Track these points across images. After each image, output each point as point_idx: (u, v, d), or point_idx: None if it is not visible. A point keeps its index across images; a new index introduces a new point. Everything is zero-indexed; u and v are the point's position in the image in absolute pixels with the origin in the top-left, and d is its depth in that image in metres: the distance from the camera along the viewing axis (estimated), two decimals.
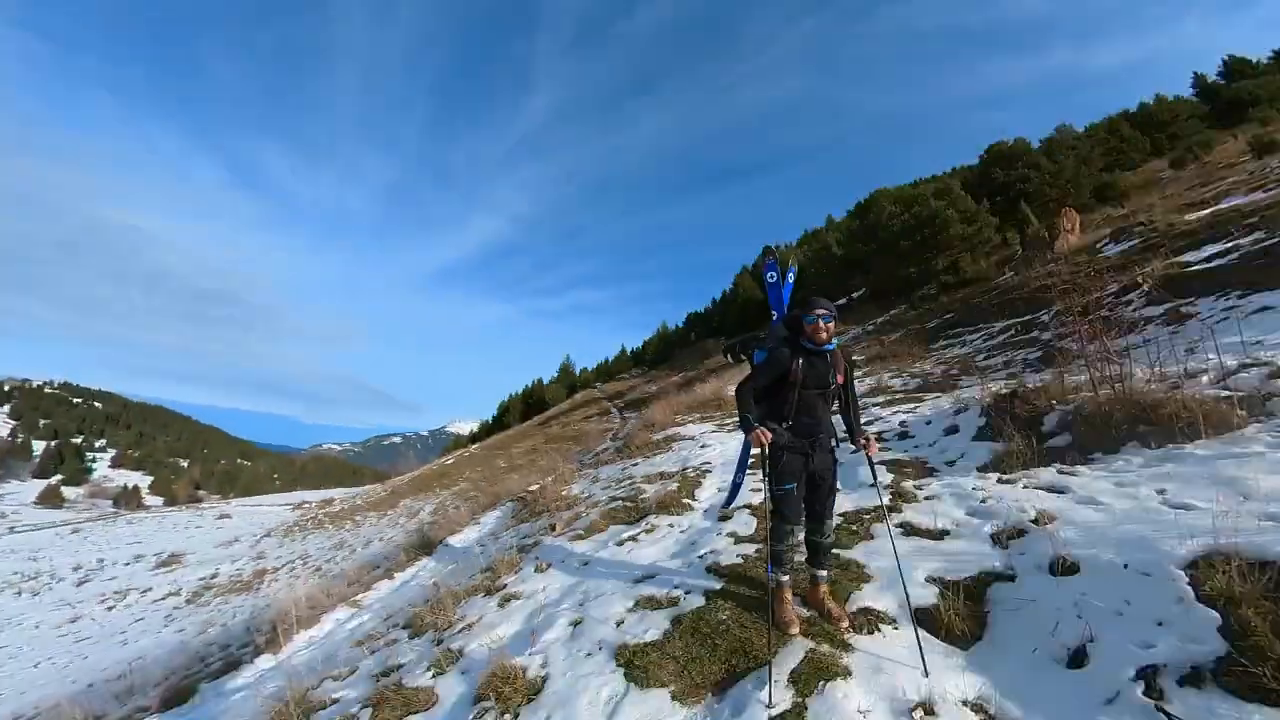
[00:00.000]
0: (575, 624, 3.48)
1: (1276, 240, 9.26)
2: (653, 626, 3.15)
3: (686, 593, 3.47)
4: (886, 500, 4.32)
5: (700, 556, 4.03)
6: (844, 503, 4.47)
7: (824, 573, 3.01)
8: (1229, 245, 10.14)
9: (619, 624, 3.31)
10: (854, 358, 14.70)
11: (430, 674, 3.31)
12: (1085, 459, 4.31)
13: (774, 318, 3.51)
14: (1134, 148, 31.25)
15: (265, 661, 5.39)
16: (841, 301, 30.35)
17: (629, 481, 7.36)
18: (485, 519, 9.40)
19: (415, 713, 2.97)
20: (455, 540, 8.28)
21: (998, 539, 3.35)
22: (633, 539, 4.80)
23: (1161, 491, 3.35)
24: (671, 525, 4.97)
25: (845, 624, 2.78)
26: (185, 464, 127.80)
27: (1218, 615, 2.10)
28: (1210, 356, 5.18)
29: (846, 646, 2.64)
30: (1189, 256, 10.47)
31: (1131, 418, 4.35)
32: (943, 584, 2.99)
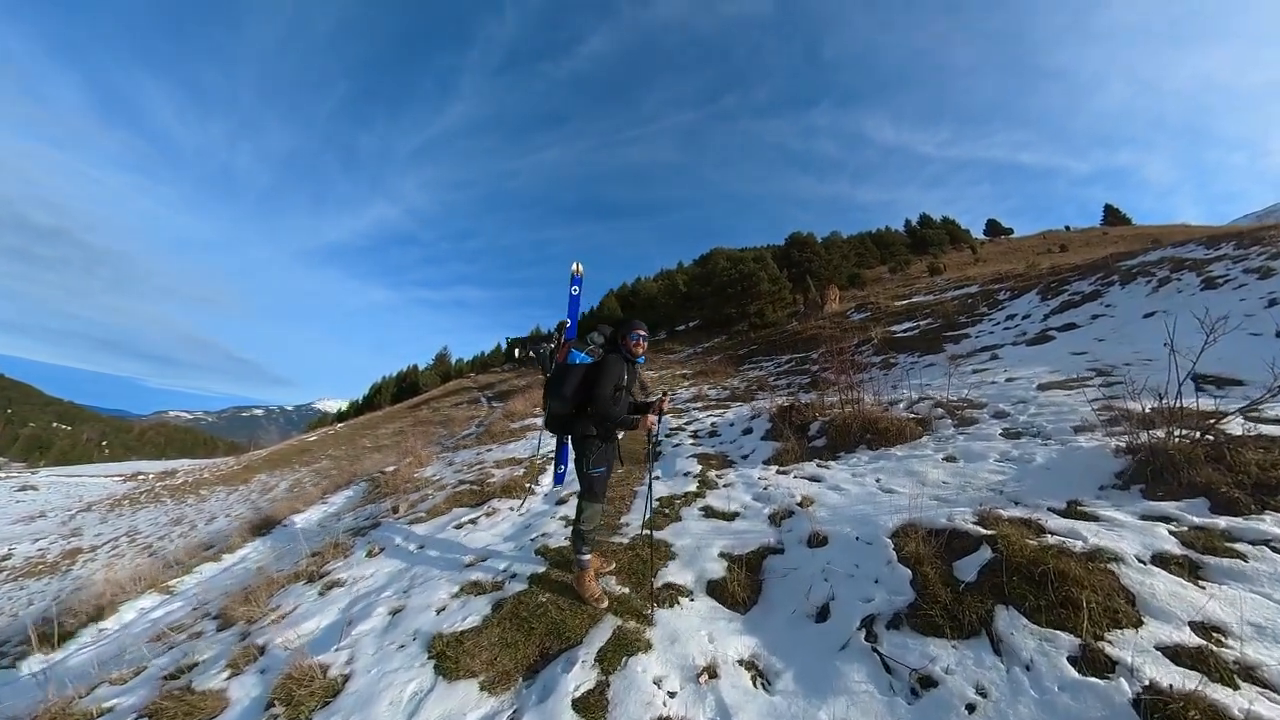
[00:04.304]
0: (394, 612, 2.80)
1: (935, 325, 12.07)
2: (474, 612, 2.64)
3: (512, 577, 3.01)
4: (693, 487, 4.38)
5: (532, 540, 3.58)
6: (660, 489, 4.37)
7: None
8: (915, 324, 12.96)
9: (440, 611, 2.73)
10: (683, 372, 15.58)
11: (226, 674, 2.40)
12: (834, 456, 4.86)
13: (568, 325, 3.43)
14: (872, 255, 39.41)
15: (34, 663, 3.52)
16: (681, 327, 32.35)
17: (480, 466, 6.58)
18: (334, 498, 7.68)
19: None
20: (299, 519, 6.58)
21: (774, 519, 3.42)
22: (472, 522, 4.16)
23: (878, 480, 3.83)
24: (511, 509, 4.41)
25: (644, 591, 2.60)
26: None
27: (910, 571, 2.33)
28: (905, 391, 6.38)
29: (649, 621, 2.45)
30: (895, 327, 13.14)
31: (862, 428, 5.05)
32: (731, 558, 2.97)
